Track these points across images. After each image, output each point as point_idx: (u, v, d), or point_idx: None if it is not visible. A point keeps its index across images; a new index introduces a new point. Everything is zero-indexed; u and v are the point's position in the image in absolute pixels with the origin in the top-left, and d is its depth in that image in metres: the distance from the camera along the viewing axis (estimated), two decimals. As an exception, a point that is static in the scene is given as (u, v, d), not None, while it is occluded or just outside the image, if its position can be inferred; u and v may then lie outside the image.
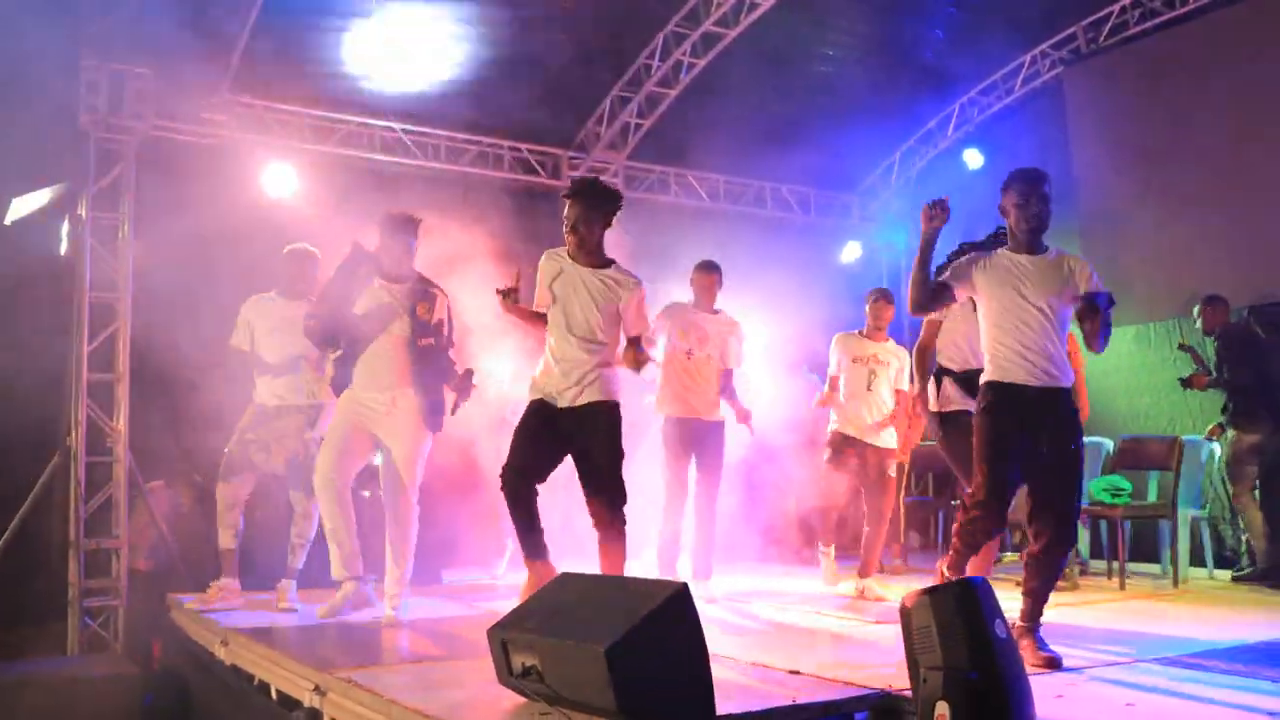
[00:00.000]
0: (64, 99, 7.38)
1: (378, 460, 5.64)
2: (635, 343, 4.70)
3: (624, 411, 4.76)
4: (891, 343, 6.60)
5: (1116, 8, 8.92)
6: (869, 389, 6.43)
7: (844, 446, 6.45)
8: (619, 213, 4.80)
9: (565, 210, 4.73)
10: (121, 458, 7.34)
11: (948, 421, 5.35)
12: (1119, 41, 8.96)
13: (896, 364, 6.52)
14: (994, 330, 4.25)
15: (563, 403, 4.62)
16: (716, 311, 6.41)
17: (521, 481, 4.58)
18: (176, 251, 7.28)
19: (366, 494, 6.72)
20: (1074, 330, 4.44)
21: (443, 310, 5.41)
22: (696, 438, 6.25)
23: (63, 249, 7.88)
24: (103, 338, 7.39)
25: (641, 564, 6.54)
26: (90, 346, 7.34)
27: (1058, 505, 4.13)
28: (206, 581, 6.19)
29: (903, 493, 7.87)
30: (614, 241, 4.91)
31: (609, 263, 4.79)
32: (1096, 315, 4.13)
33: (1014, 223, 4.29)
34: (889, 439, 6.48)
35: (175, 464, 7.67)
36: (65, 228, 7.88)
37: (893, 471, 6.55)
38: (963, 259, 4.37)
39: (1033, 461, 4.15)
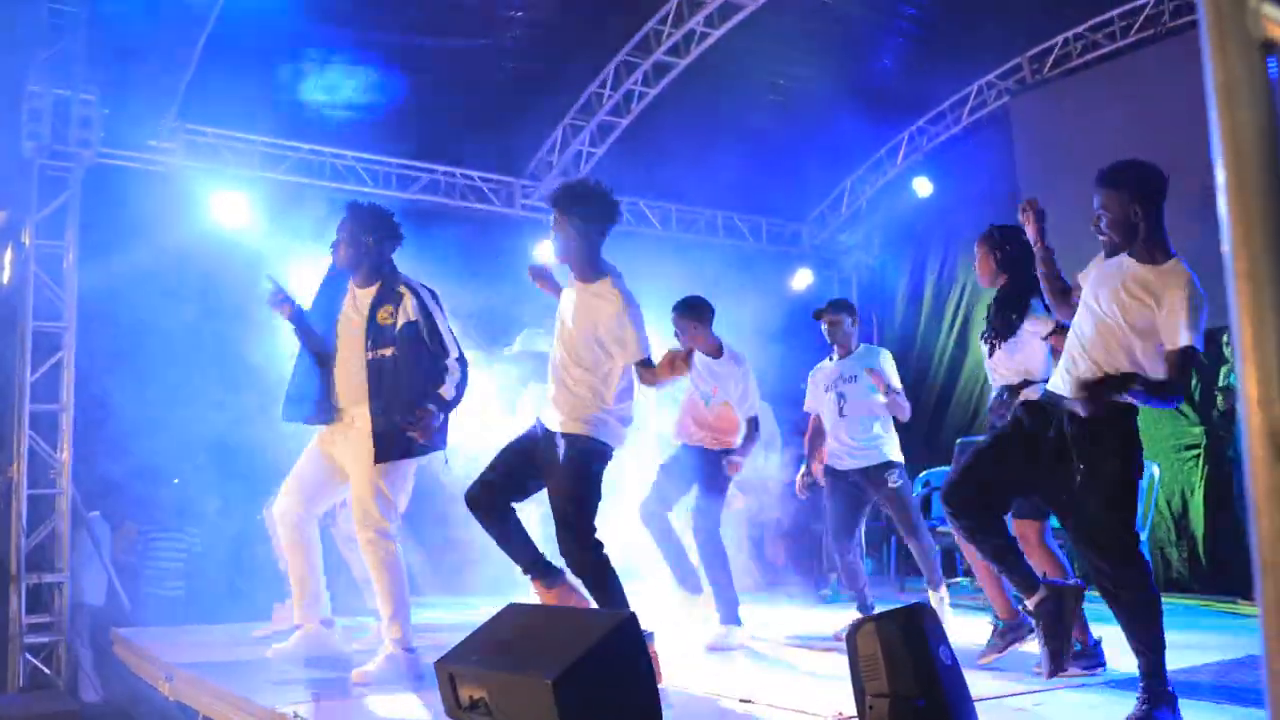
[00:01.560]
0: (7, 125, 7.29)
1: None
2: None
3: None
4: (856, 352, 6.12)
5: (1060, 39, 9.10)
6: (840, 414, 5.97)
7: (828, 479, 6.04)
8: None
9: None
10: (65, 490, 7.21)
11: None
12: (1063, 72, 9.13)
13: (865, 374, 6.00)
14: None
15: None
16: (720, 354, 6.14)
17: None
18: (124, 280, 7.20)
19: None
20: None
21: (412, 311, 4.61)
22: (695, 465, 5.96)
23: (5, 277, 7.77)
24: (46, 367, 7.27)
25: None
26: (34, 376, 7.22)
27: (1087, 534, 3.53)
28: (149, 616, 6.09)
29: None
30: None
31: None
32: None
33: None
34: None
35: (118, 497, 7.56)
36: (8, 255, 7.77)
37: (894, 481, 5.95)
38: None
39: (1054, 484, 3.64)
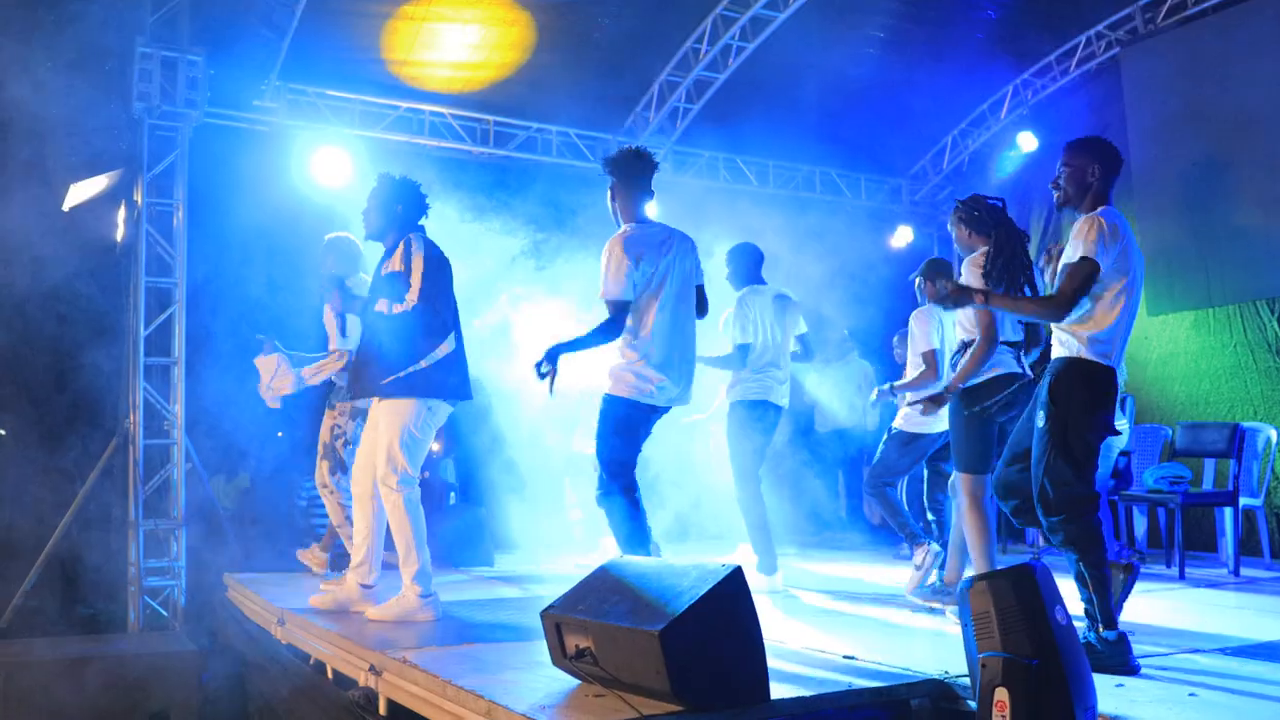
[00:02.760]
0: (119, 86, 7.48)
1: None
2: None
3: None
4: None
5: (1175, -13, 8.74)
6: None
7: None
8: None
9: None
10: (179, 440, 7.44)
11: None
12: (1177, 22, 8.77)
13: None
14: None
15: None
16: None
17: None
18: (230, 236, 7.37)
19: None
20: None
21: (397, 262, 4.75)
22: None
23: (119, 235, 8.00)
24: (159, 321, 7.50)
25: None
26: (147, 331, 7.45)
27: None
28: (260, 561, 6.31)
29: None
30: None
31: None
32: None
33: None
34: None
35: (228, 448, 7.80)
36: (121, 213, 7.99)
37: None
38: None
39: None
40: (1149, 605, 5.22)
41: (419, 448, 4.79)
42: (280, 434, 8.38)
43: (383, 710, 3.89)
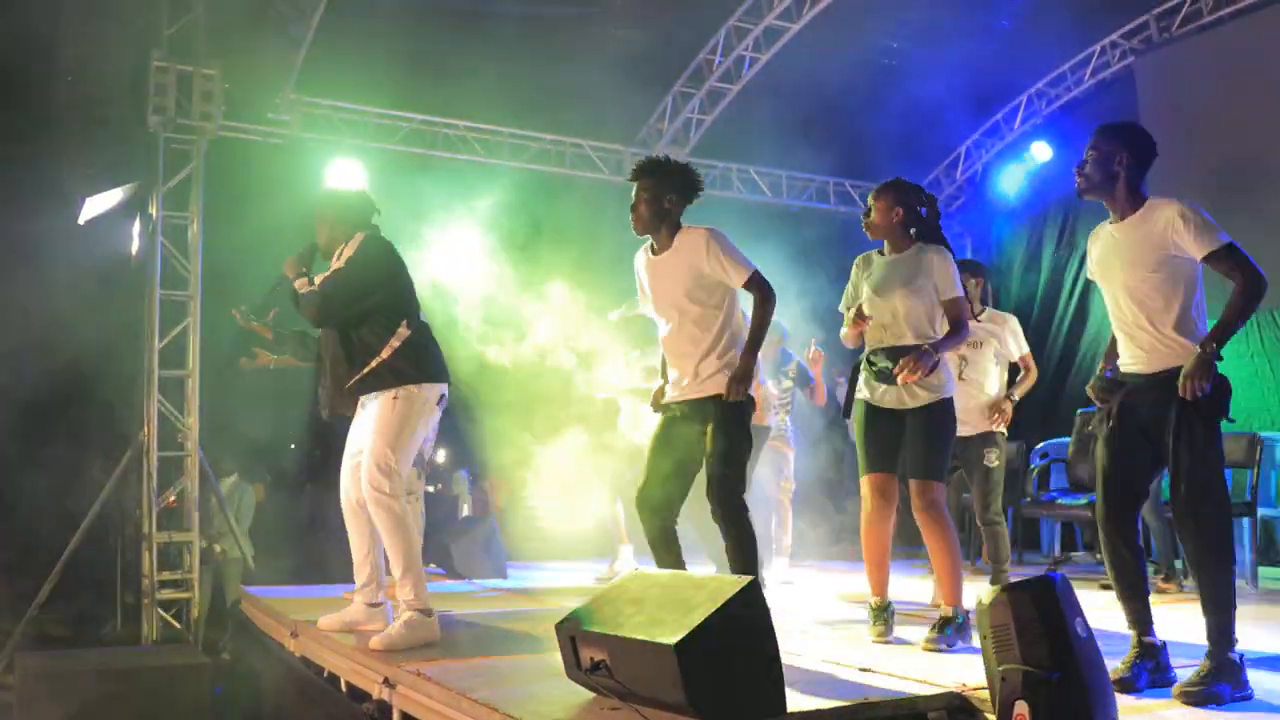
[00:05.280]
0: (134, 100, 7.51)
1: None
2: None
3: None
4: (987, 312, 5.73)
5: (1191, -5, 8.72)
6: (959, 377, 5.40)
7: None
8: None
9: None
10: (193, 453, 7.45)
11: None
12: (1193, 30, 8.74)
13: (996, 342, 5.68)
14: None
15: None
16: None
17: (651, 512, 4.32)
18: (246, 250, 7.39)
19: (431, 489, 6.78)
20: None
21: (334, 261, 4.62)
22: None
23: (134, 248, 8.03)
24: (173, 335, 7.51)
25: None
26: (161, 343, 7.47)
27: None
28: (278, 573, 6.30)
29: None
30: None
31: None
32: None
33: None
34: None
35: (243, 459, 7.81)
36: (136, 227, 8.02)
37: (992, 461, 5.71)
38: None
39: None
40: (1164, 618, 5.16)
41: (408, 442, 4.51)
42: (293, 445, 8.38)
43: (396, 723, 3.88)
